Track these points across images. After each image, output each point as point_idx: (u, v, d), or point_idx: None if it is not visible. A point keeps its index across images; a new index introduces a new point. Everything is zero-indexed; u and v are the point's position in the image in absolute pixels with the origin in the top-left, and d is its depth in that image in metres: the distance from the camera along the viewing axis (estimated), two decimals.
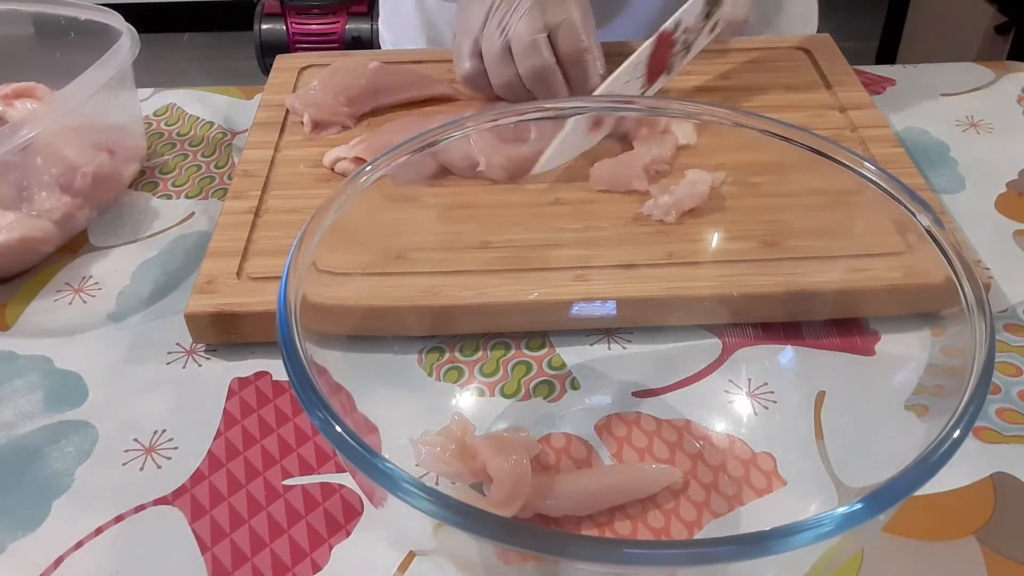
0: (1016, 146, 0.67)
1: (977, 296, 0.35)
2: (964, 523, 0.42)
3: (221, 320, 0.51)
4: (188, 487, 0.45)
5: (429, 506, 0.28)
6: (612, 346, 0.52)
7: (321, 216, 0.39)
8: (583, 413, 0.48)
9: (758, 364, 0.49)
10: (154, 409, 0.49)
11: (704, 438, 0.46)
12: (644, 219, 0.56)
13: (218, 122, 0.73)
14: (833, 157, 0.42)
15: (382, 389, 0.46)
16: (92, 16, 0.65)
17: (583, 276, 0.52)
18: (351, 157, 0.61)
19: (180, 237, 0.62)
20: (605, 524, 0.42)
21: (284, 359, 0.33)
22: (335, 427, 0.30)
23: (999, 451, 0.46)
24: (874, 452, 0.40)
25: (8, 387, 0.51)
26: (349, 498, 0.44)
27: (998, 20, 1.85)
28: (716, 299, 0.52)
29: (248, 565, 0.42)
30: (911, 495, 0.29)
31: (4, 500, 0.45)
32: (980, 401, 0.31)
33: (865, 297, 0.50)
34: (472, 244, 0.54)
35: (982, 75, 0.76)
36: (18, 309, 0.56)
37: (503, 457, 0.41)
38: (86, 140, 0.63)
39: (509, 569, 0.33)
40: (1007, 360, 0.50)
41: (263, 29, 2.21)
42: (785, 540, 0.27)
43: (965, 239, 0.58)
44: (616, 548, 0.27)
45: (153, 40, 2.40)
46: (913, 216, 0.39)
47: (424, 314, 0.51)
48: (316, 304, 0.37)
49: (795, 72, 0.71)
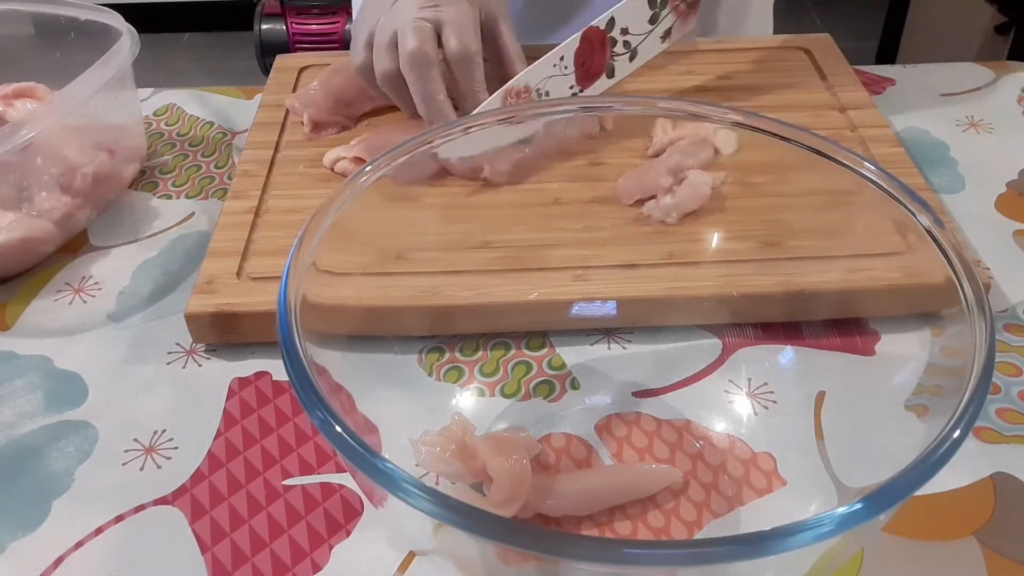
0: (1016, 146, 0.67)
1: (977, 296, 0.35)
2: (964, 523, 0.42)
3: (221, 320, 0.51)
4: (188, 487, 0.45)
5: (429, 506, 0.28)
6: (612, 346, 0.52)
7: (321, 216, 0.39)
8: (583, 413, 0.48)
9: (758, 364, 0.49)
10: (154, 409, 0.49)
11: (704, 438, 0.46)
12: (644, 219, 0.56)
13: (218, 122, 0.73)
14: (833, 157, 0.42)
15: (382, 389, 0.46)
16: (92, 16, 0.65)
17: (583, 276, 0.52)
18: (351, 157, 0.61)
19: (180, 237, 0.62)
20: (605, 524, 0.42)
21: (284, 359, 0.33)
22: (335, 427, 0.30)
23: (999, 451, 0.46)
24: (874, 452, 0.40)
25: (8, 387, 0.51)
26: (349, 498, 0.44)
27: (998, 20, 1.85)
28: (716, 299, 0.52)
29: (248, 565, 0.42)
30: (911, 495, 0.29)
31: (4, 500, 0.45)
32: (980, 401, 0.31)
33: (865, 297, 0.50)
34: (472, 244, 0.54)
35: (982, 75, 0.76)
36: (18, 309, 0.56)
37: (503, 457, 0.41)
38: (86, 140, 0.63)
39: (509, 569, 0.33)
40: (1007, 360, 0.50)
41: (263, 29, 2.20)
42: (785, 540, 0.27)
43: (965, 239, 0.58)
44: (616, 548, 0.27)
45: (153, 40, 2.40)
46: (913, 216, 0.39)
47: (424, 314, 0.51)
48: (316, 304, 0.37)
49: (795, 72, 0.71)
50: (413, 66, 0.57)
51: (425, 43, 0.56)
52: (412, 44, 0.56)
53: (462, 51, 0.57)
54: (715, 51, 0.73)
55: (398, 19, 0.58)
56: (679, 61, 0.72)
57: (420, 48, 0.56)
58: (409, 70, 0.57)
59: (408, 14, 0.57)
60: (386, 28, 0.59)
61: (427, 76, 0.57)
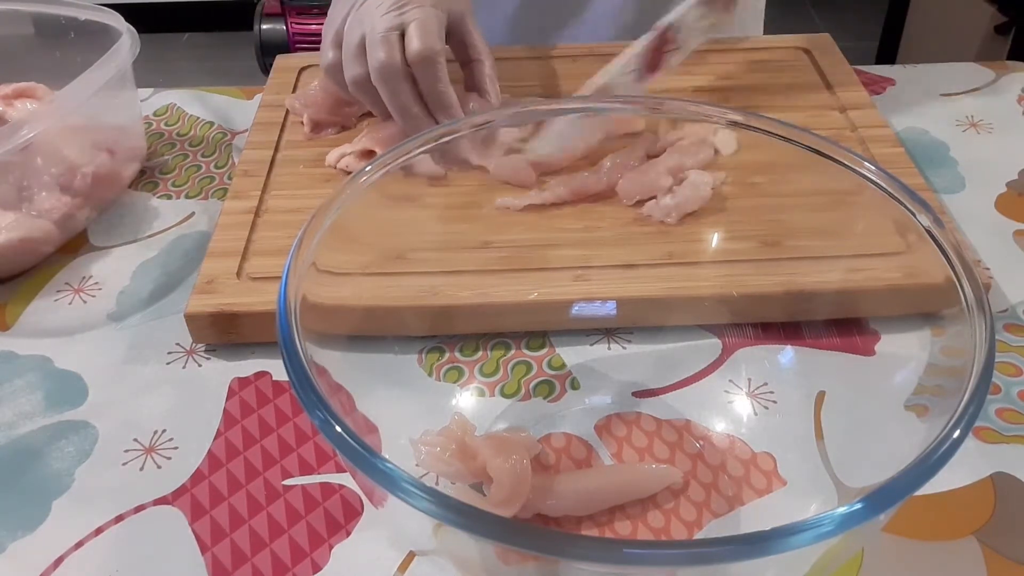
0: (1016, 146, 0.67)
1: (977, 296, 0.35)
2: (964, 523, 0.42)
3: (221, 320, 0.51)
4: (188, 487, 0.45)
5: (429, 506, 0.28)
6: (612, 346, 0.52)
7: (321, 216, 0.39)
8: (583, 413, 0.48)
9: (758, 364, 0.49)
10: (154, 409, 0.49)
11: (704, 438, 0.46)
12: (644, 219, 0.56)
13: (218, 122, 0.73)
14: (833, 157, 0.42)
15: (382, 389, 0.46)
16: (92, 16, 0.65)
17: (583, 276, 0.52)
18: (359, 150, 0.61)
19: (180, 237, 0.62)
20: (605, 524, 0.42)
21: (284, 359, 0.33)
22: (335, 427, 0.30)
23: (999, 451, 0.46)
24: (874, 452, 0.40)
25: (8, 387, 0.51)
26: (349, 498, 0.44)
27: (998, 20, 1.85)
28: (716, 299, 0.52)
29: (248, 565, 0.42)
30: (911, 495, 0.29)
31: (4, 500, 0.45)
32: (980, 401, 0.31)
33: (865, 297, 0.50)
34: (472, 244, 0.54)
35: (982, 75, 0.76)
36: (18, 309, 0.56)
37: (503, 457, 0.41)
38: (86, 140, 0.63)
39: (509, 569, 0.33)
40: (1007, 360, 0.50)
41: (263, 29, 2.20)
42: (785, 540, 0.27)
43: (965, 239, 0.58)
44: (616, 548, 0.27)
45: (153, 40, 2.40)
46: (913, 216, 0.39)
47: (424, 314, 0.51)
48: (316, 304, 0.37)
49: (795, 72, 0.71)
50: (385, 80, 0.57)
51: (393, 55, 0.56)
52: (380, 57, 0.56)
53: (425, 52, 0.57)
54: (715, 51, 0.73)
55: (365, 22, 0.58)
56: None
57: (389, 62, 0.56)
58: (381, 83, 0.57)
59: (375, 19, 0.57)
60: (354, 31, 0.58)
61: (399, 89, 0.57)
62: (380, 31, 0.57)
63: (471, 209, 0.57)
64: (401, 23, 0.57)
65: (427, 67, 0.57)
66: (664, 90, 0.68)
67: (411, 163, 0.44)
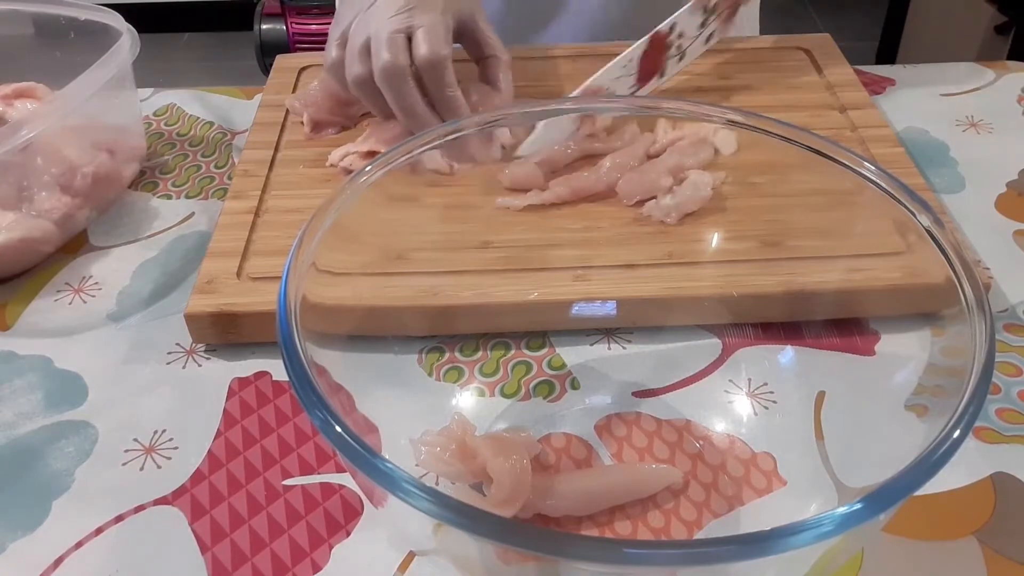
0: (1016, 146, 0.67)
1: (977, 296, 0.35)
2: (964, 523, 0.42)
3: (221, 320, 0.51)
4: (188, 487, 0.45)
5: (429, 506, 0.28)
6: (612, 346, 0.52)
7: (321, 216, 0.39)
8: (583, 413, 0.48)
9: (758, 364, 0.49)
10: (154, 409, 0.49)
11: (704, 438, 0.46)
12: (644, 219, 0.56)
13: (218, 122, 0.73)
14: (833, 157, 0.42)
15: (382, 389, 0.46)
16: (92, 16, 0.65)
17: (583, 276, 0.52)
18: (362, 151, 0.61)
19: (180, 237, 0.62)
20: (605, 524, 0.42)
21: (284, 359, 0.33)
22: (335, 427, 0.30)
23: (999, 451, 0.46)
24: (874, 452, 0.40)
25: (8, 387, 0.51)
26: (349, 498, 0.44)
27: (998, 20, 1.85)
28: (716, 299, 0.52)
29: (248, 565, 0.42)
30: (911, 495, 0.29)
31: (4, 500, 0.45)
32: (980, 401, 0.31)
33: (865, 297, 0.50)
34: (472, 244, 0.54)
35: (982, 75, 0.76)
36: (18, 309, 0.56)
37: (503, 457, 0.41)
38: (86, 140, 0.63)
39: (509, 569, 0.33)
40: (1007, 360, 0.50)
41: (263, 29, 2.20)
42: (785, 540, 0.27)
43: (965, 239, 0.58)
44: (616, 548, 0.27)
45: (153, 40, 2.40)
46: (913, 216, 0.39)
47: (424, 314, 0.51)
48: (316, 304, 0.37)
49: (795, 72, 0.71)
50: (388, 80, 0.57)
51: (398, 56, 0.56)
52: (386, 57, 0.56)
53: (433, 57, 0.57)
54: (715, 51, 0.73)
55: (372, 24, 0.58)
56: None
57: (393, 62, 0.56)
58: (384, 83, 0.57)
59: (382, 21, 0.57)
60: (360, 32, 0.59)
61: (403, 89, 0.57)
62: (387, 33, 0.57)
63: (471, 209, 0.57)
64: (409, 27, 0.57)
65: (435, 72, 0.57)
66: (664, 90, 0.68)
67: (419, 158, 0.44)
